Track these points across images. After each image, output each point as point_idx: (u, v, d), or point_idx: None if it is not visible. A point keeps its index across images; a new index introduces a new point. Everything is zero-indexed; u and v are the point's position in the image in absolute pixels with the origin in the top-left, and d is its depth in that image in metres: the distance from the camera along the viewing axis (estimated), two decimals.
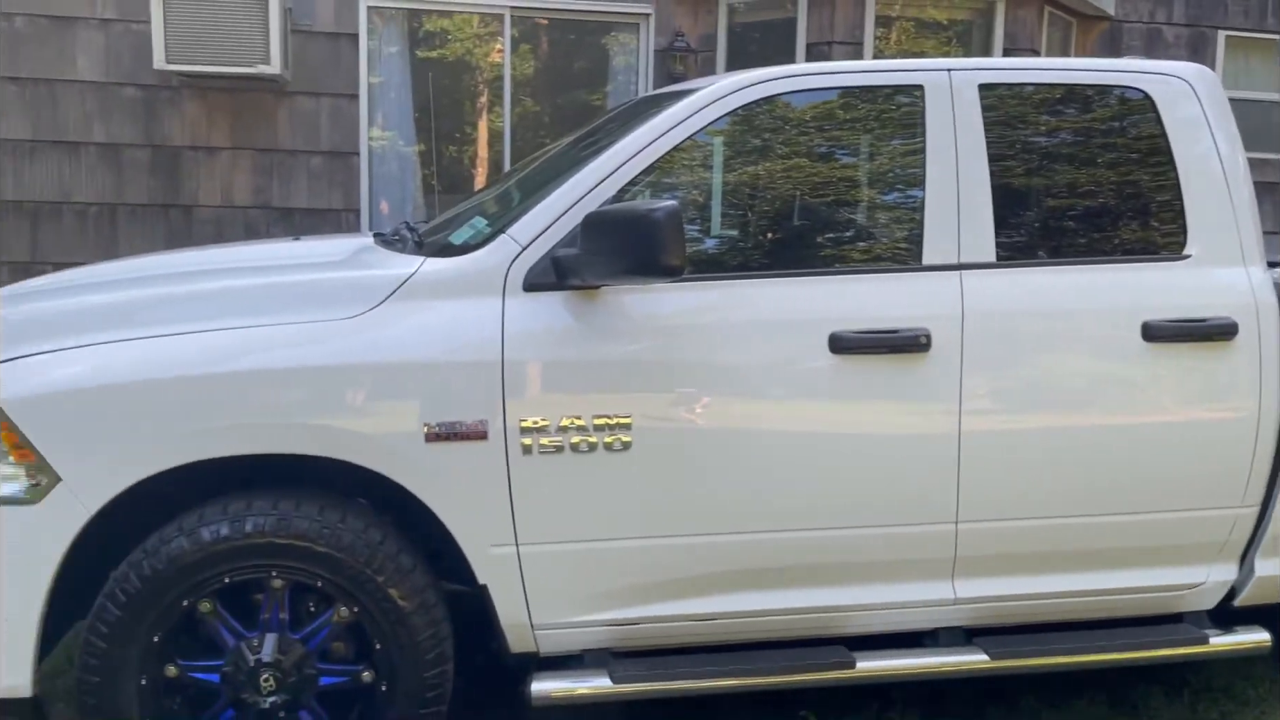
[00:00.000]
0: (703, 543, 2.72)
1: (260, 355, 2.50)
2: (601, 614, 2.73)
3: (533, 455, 2.60)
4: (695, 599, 2.77)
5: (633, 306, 2.68)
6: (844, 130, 2.96)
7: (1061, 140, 3.00)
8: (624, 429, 2.64)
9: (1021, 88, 2.97)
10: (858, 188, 2.98)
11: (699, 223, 2.91)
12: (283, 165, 6.61)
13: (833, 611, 2.84)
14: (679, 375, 2.66)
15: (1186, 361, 2.84)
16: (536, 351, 2.61)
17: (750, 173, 2.91)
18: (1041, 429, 2.80)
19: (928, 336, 2.74)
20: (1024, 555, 2.88)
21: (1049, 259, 2.89)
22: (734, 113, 2.82)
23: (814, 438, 2.72)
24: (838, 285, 2.78)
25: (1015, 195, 2.91)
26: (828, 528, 2.76)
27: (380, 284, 2.64)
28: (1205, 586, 3.01)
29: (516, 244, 2.68)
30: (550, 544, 2.66)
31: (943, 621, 2.93)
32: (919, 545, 2.82)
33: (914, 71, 2.92)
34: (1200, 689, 3.38)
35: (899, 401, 2.75)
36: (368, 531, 2.56)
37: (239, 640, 2.55)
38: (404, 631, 2.57)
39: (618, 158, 2.76)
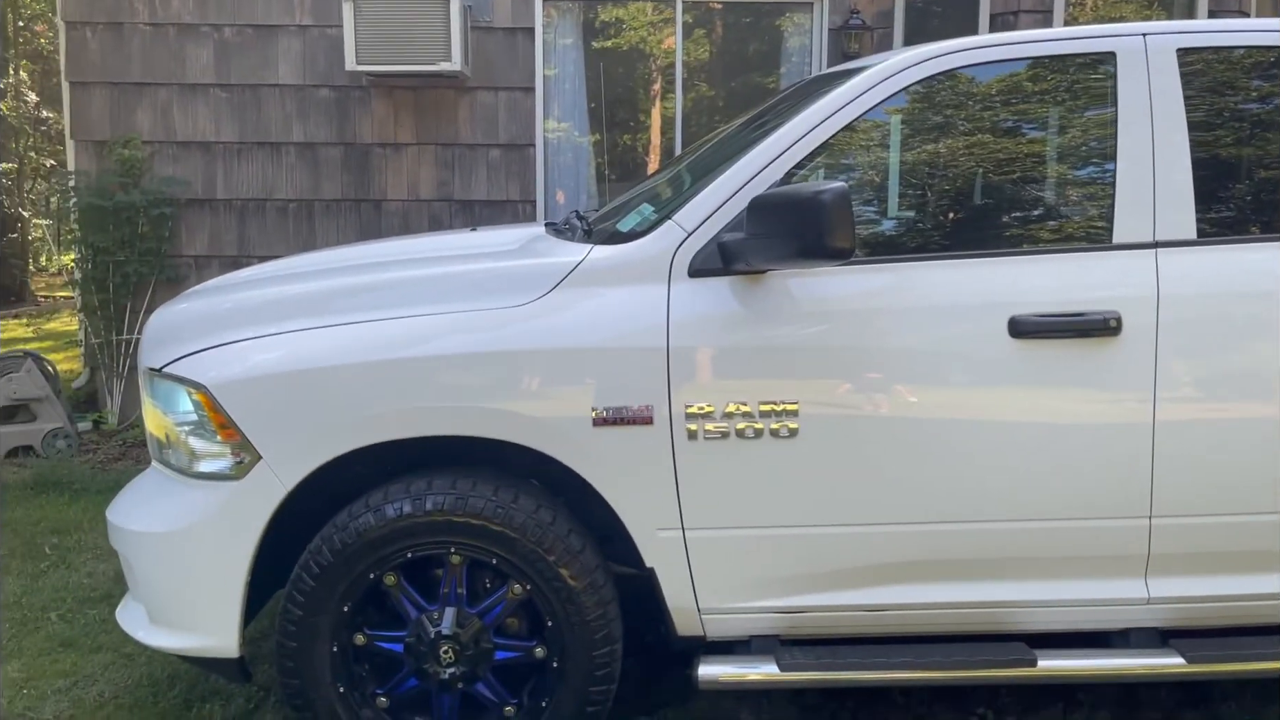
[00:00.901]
0: (873, 532, 2.67)
1: (437, 342, 2.61)
2: (768, 600, 2.72)
3: (698, 441, 2.61)
4: (864, 589, 2.72)
5: (800, 291, 2.64)
6: (1025, 103, 2.81)
7: (1272, 107, 2.76)
8: (791, 416, 2.61)
9: (1226, 51, 2.75)
10: (1040, 163, 2.83)
11: (870, 204, 2.83)
12: (463, 159, 6.86)
13: (1011, 607, 2.73)
14: (848, 361, 2.61)
15: None
16: (702, 337, 2.61)
17: (924, 151, 2.82)
18: (1244, 419, 2.59)
19: (1118, 319, 2.58)
20: (1225, 553, 2.68)
21: (1256, 234, 2.67)
22: (906, 90, 2.73)
23: (991, 426, 2.61)
24: (1018, 266, 2.66)
25: (1219, 167, 2.70)
26: (1005, 520, 2.65)
27: (550, 272, 2.70)
28: None
29: (682, 230, 2.69)
30: (716, 529, 2.66)
31: (1134, 621, 2.76)
32: (1108, 540, 2.67)
33: (1105, 38, 2.75)
34: None
35: (1086, 389, 2.60)
36: (539, 512, 2.64)
37: (420, 613, 2.68)
38: (574, 610, 2.64)
39: (785, 140, 2.72)
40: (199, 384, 2.62)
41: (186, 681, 3.30)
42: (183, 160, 6.78)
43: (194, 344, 2.70)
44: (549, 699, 2.69)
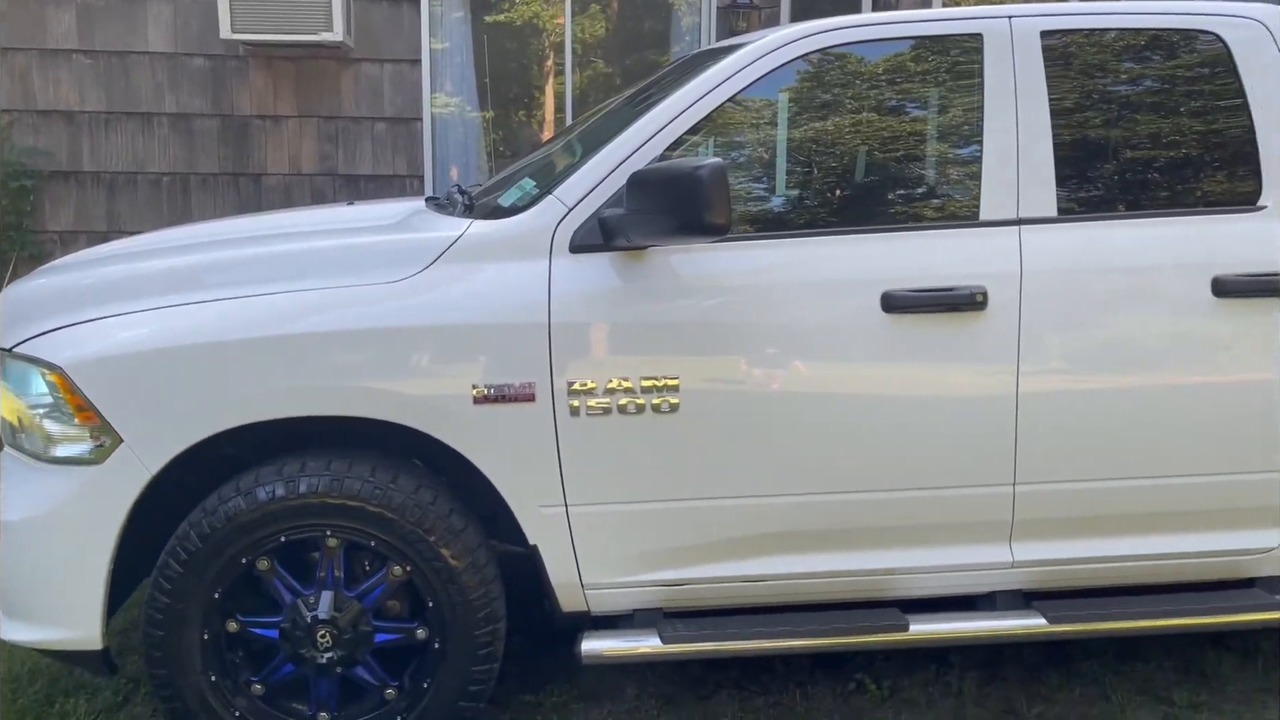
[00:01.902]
0: (753, 504, 2.71)
1: (308, 319, 2.54)
2: (651, 574, 2.74)
3: (580, 417, 2.61)
4: (746, 560, 2.76)
5: (680, 267, 2.65)
6: (897, 83, 2.88)
7: (1128, 87, 2.88)
8: (672, 390, 2.63)
9: (1087, 33, 2.85)
10: (912, 142, 2.90)
11: (749, 180, 2.86)
12: (347, 132, 6.68)
13: (885, 574, 2.81)
14: (727, 336, 2.64)
15: (1259, 317, 2.71)
16: (584, 313, 2.61)
17: (801, 128, 2.85)
18: (1103, 389, 2.71)
19: (984, 294, 2.66)
20: (1085, 518, 2.81)
21: (1113, 212, 2.79)
22: (782, 67, 2.76)
23: (866, 399, 2.68)
24: (890, 243, 2.72)
25: (1078, 147, 2.80)
26: (880, 489, 2.72)
27: (428, 247, 2.65)
28: (1278, 551, 2.89)
29: (563, 205, 2.67)
30: (599, 505, 2.67)
31: (1000, 585, 2.87)
32: (975, 507, 2.77)
33: (972, 20, 2.82)
34: (1273, 656, 3.26)
35: (954, 361, 2.69)
36: (419, 492, 2.60)
37: (296, 597, 2.61)
38: (455, 590, 2.61)
39: (664, 115, 2.73)
40: (53, 364, 2.49)
41: (49, 676, 3.16)
42: (44, 130, 6.43)
43: (49, 322, 2.57)
44: (431, 680, 2.66)
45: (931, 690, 3.14)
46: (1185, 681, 3.16)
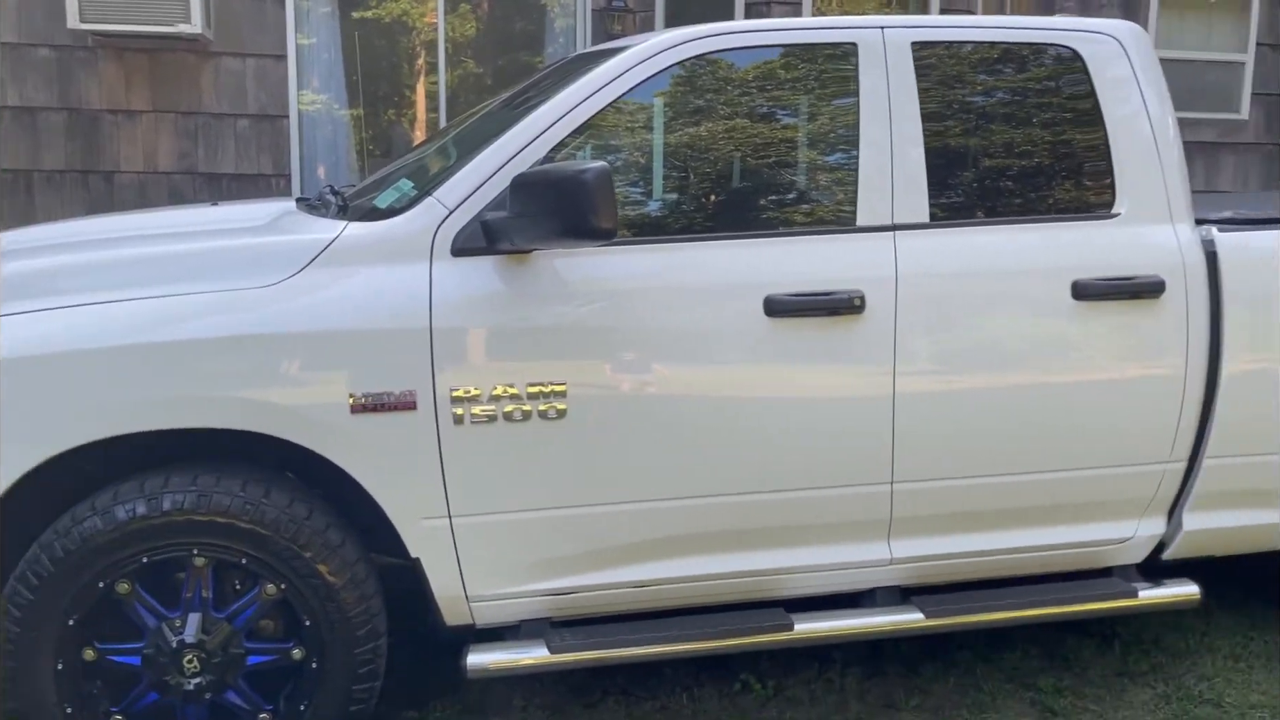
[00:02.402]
0: (640, 509, 2.70)
1: (172, 327, 2.40)
2: (538, 584, 2.70)
3: (464, 425, 2.55)
4: (633, 566, 2.75)
5: (565, 271, 2.62)
6: (776, 89, 2.91)
7: (994, 99, 2.99)
8: (559, 396, 2.59)
9: (955, 46, 2.94)
10: (792, 148, 2.94)
11: (633, 185, 2.85)
12: (208, 129, 6.39)
13: (771, 575, 2.84)
14: (613, 340, 2.62)
15: (1115, 319, 2.85)
16: (466, 318, 2.55)
17: (683, 133, 2.85)
18: (974, 389, 2.80)
19: (861, 298, 2.72)
20: (958, 514, 2.90)
21: (981, 219, 2.88)
22: (664, 71, 2.76)
23: (749, 402, 2.70)
24: (772, 248, 2.75)
25: (948, 155, 2.89)
26: (764, 491, 2.75)
27: (300, 250, 2.55)
28: (1134, 541, 3.05)
29: (444, 207, 2.60)
30: (484, 515, 2.61)
31: (879, 581, 2.94)
32: (855, 507, 2.82)
33: (847, 29, 2.88)
34: (1131, 641, 3.44)
35: (833, 364, 2.73)
36: (293, 507, 2.49)
37: (160, 621, 2.47)
38: (334, 607, 2.52)
39: (547, 118, 2.69)
40: None
41: None
42: None
43: None
44: (308, 702, 2.55)
45: (815, 687, 3.19)
46: (1050, 668, 3.30)
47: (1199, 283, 2.90)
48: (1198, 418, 2.96)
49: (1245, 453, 3.00)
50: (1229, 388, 2.93)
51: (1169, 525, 3.08)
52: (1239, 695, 3.13)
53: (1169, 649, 3.41)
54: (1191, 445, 2.98)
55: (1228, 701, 3.10)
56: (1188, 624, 3.55)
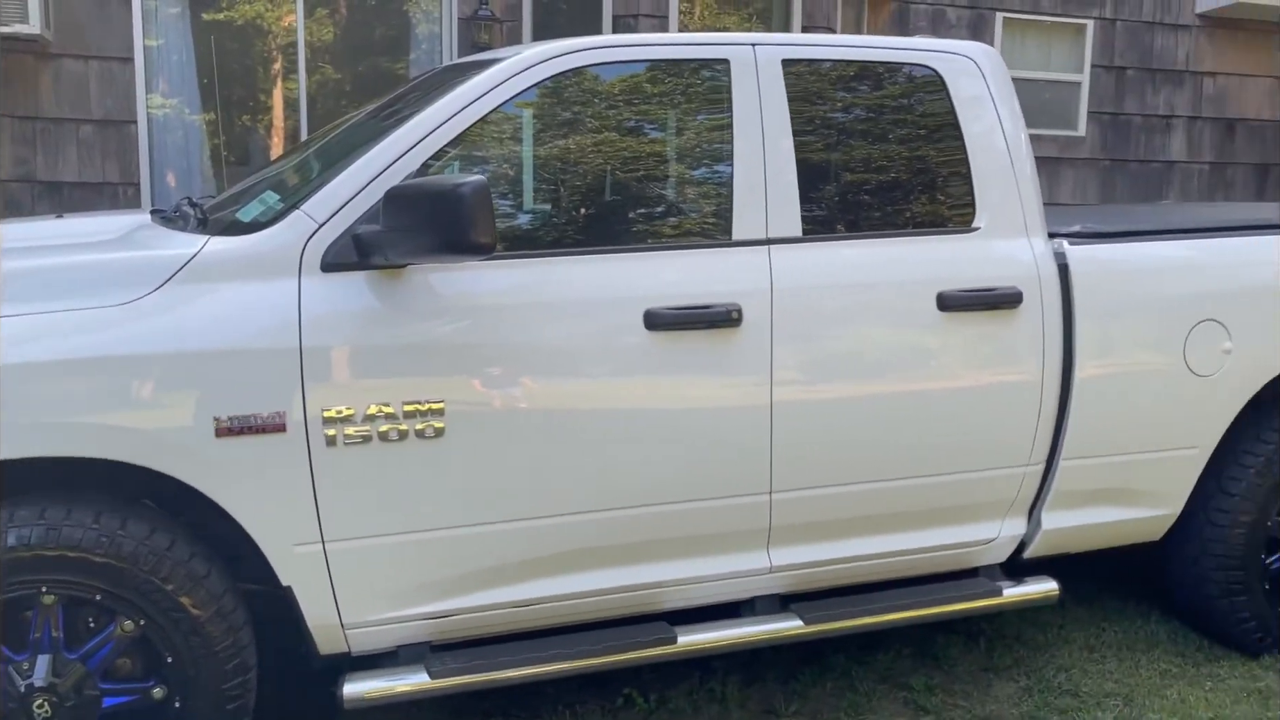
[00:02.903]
0: (521, 528, 2.66)
1: (19, 348, 2.23)
2: (417, 608, 2.63)
3: (337, 447, 2.46)
4: (515, 585, 2.70)
5: (442, 286, 2.56)
6: (653, 104, 2.92)
7: (860, 116, 3.07)
8: (436, 415, 2.53)
9: (823, 64, 3.02)
10: (668, 162, 2.96)
11: (510, 198, 2.81)
12: (47, 134, 6.02)
13: (653, 588, 2.84)
14: (492, 357, 2.57)
15: (977, 329, 2.97)
16: (338, 336, 2.46)
17: (561, 146, 2.83)
18: (847, 399, 2.87)
19: (739, 311, 2.75)
20: (834, 521, 2.96)
21: (852, 232, 2.96)
22: (541, 84, 2.74)
23: (631, 416, 2.69)
24: (652, 262, 2.75)
25: (819, 170, 2.96)
26: (646, 505, 2.75)
27: (158, 266, 2.41)
28: (998, 541, 3.18)
29: (312, 221, 2.51)
30: (360, 539, 2.52)
31: (759, 590, 2.97)
32: (736, 517, 2.85)
33: (719, 45, 2.91)
34: (995, 637, 3.59)
35: (713, 376, 2.75)
36: (154, 537, 2.35)
37: (5, 664, 2.29)
38: (199, 642, 2.39)
39: (421, 129, 2.63)
40: None
41: None
42: None
43: None
44: None
45: (696, 697, 3.20)
46: (921, 667, 3.41)
47: (1052, 294, 3.05)
48: (1054, 422, 3.11)
49: (1097, 454, 3.17)
50: (1081, 393, 3.09)
51: (1029, 525, 3.22)
52: (1094, 684, 3.30)
53: (1030, 643, 3.57)
54: (1048, 448, 3.13)
55: (1084, 691, 3.26)
56: (1047, 619, 3.72)
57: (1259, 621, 3.41)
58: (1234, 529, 3.33)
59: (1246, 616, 3.40)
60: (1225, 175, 9.28)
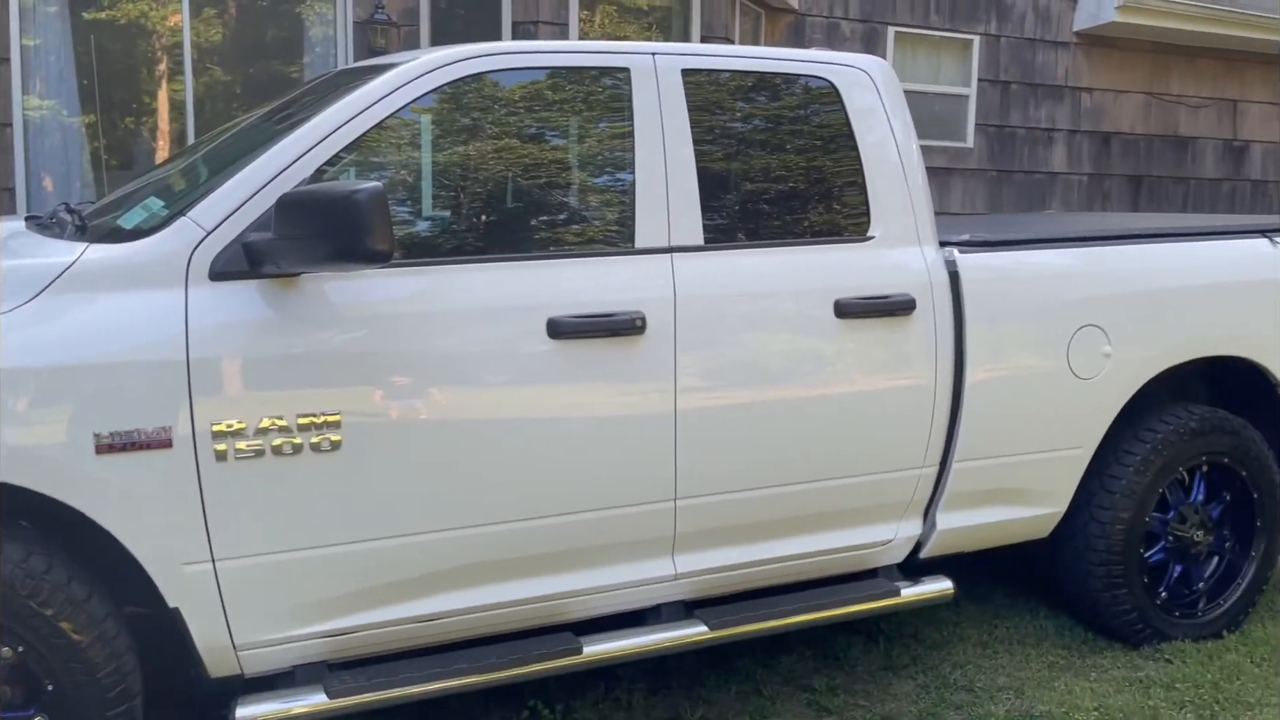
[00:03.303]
0: (422, 541, 2.61)
1: None
2: (314, 626, 2.55)
3: (228, 462, 2.37)
4: (417, 600, 2.65)
5: (338, 295, 2.50)
6: (554, 111, 2.91)
7: (759, 126, 3.12)
8: (332, 427, 2.46)
9: (722, 74, 3.05)
10: (571, 170, 2.95)
11: (409, 205, 2.76)
12: None
13: (559, 599, 2.82)
14: (391, 366, 2.52)
15: (873, 336, 3.04)
16: (228, 347, 2.38)
17: (461, 153, 2.80)
18: (748, 404, 2.90)
19: (642, 319, 2.76)
20: (738, 526, 2.99)
21: (750, 241, 3.00)
22: (440, 89, 2.70)
23: (535, 425, 2.67)
24: (555, 269, 2.74)
25: (720, 179, 2.99)
26: (551, 515, 2.73)
27: (33, 275, 2.30)
28: (895, 542, 3.25)
29: (200, 228, 2.42)
30: (253, 557, 2.44)
31: (665, 597, 2.98)
32: (641, 525, 2.85)
33: (620, 54, 2.92)
34: (894, 636, 3.67)
35: (618, 384, 2.75)
36: (30, 560, 2.24)
37: None
38: (80, 668, 2.28)
39: (315, 134, 2.57)
40: None
41: None
42: None
43: None
44: None
45: (602, 707, 3.19)
46: (824, 668, 3.46)
47: (944, 300, 3.14)
48: (947, 425, 3.19)
49: (988, 455, 3.27)
50: (972, 396, 3.18)
51: (925, 526, 3.30)
52: (988, 679, 3.40)
53: (927, 641, 3.66)
54: (942, 450, 3.21)
55: (978, 686, 3.35)
56: (943, 617, 3.82)
57: (1139, 613, 3.56)
58: (1115, 525, 3.47)
59: (1128, 608, 3.55)
60: (1103, 186, 9.72)
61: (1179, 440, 3.53)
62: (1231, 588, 3.74)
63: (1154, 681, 3.39)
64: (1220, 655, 3.55)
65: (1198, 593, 3.72)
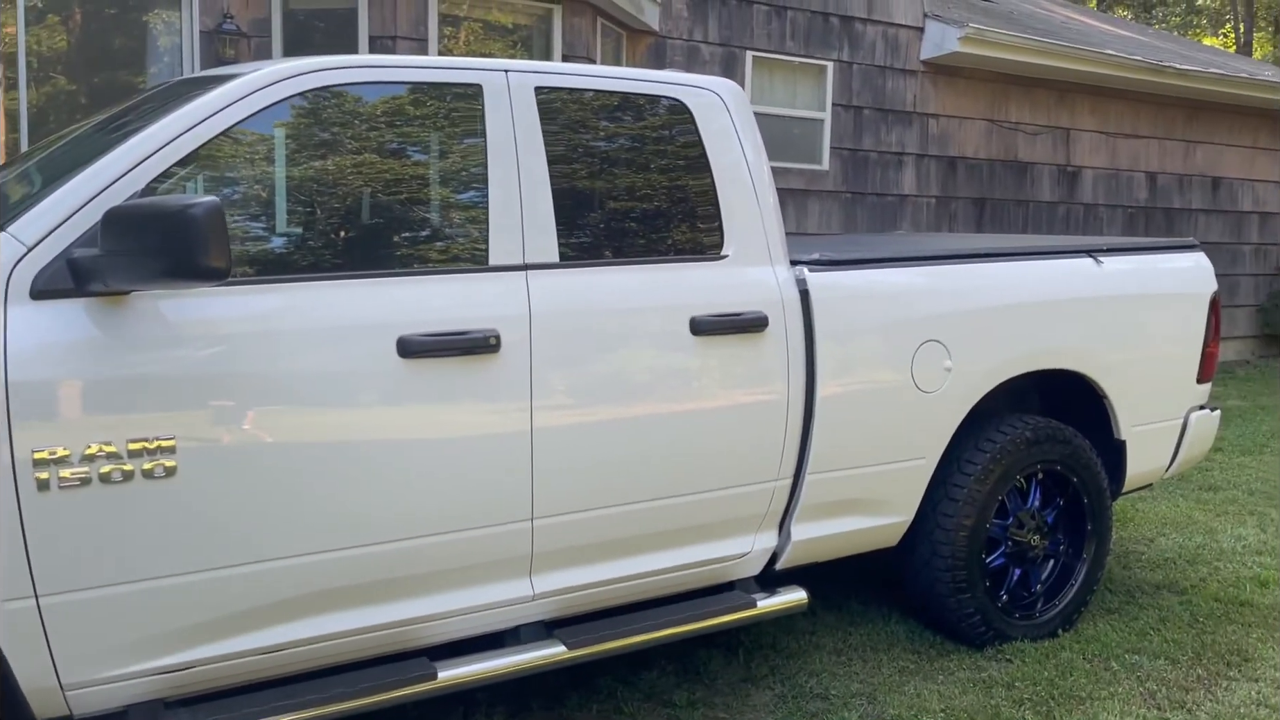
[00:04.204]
0: (266, 569, 2.51)
1: None
2: (150, 662, 2.43)
3: (51, 491, 2.24)
4: (261, 630, 2.55)
5: (172, 313, 2.39)
6: (405, 126, 2.86)
7: (613, 145, 3.14)
8: (167, 453, 2.35)
9: (575, 93, 3.06)
10: (422, 186, 2.90)
11: (249, 220, 2.66)
12: None
13: (413, 624, 2.75)
14: (230, 388, 2.42)
15: (728, 352, 3.09)
16: (51, 369, 2.24)
17: (304, 167, 2.72)
18: (605, 421, 2.91)
19: (497, 337, 2.73)
20: (595, 544, 2.99)
21: (606, 259, 3.01)
22: (284, 101, 2.62)
23: (384, 446, 2.61)
24: (405, 287, 2.69)
25: (575, 197, 2.99)
26: (402, 538, 2.67)
27: None
28: (751, 555, 3.31)
29: (20, 244, 2.29)
30: (80, 591, 2.30)
31: (523, 618, 2.95)
32: (497, 546, 2.82)
33: (472, 70, 2.90)
34: (753, 647, 3.73)
35: (471, 403, 2.72)
36: None
37: None
38: None
39: (148, 145, 2.46)
40: None
41: None
42: None
43: None
44: None
45: None
46: (684, 683, 3.49)
47: (795, 317, 3.22)
48: (799, 438, 3.27)
49: (839, 467, 3.36)
50: (823, 411, 3.27)
51: (780, 537, 3.37)
52: (842, 686, 3.49)
53: (785, 650, 3.73)
54: (795, 463, 3.29)
55: (833, 693, 3.44)
56: (800, 626, 3.91)
57: (982, 616, 3.72)
58: (959, 532, 3.62)
59: (972, 612, 3.70)
60: (949, 208, 10.18)
61: (1016, 449, 3.71)
62: (1066, 589, 3.95)
63: (996, 681, 3.55)
64: (1056, 653, 3.74)
65: (1035, 594, 3.92)
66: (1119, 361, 3.92)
